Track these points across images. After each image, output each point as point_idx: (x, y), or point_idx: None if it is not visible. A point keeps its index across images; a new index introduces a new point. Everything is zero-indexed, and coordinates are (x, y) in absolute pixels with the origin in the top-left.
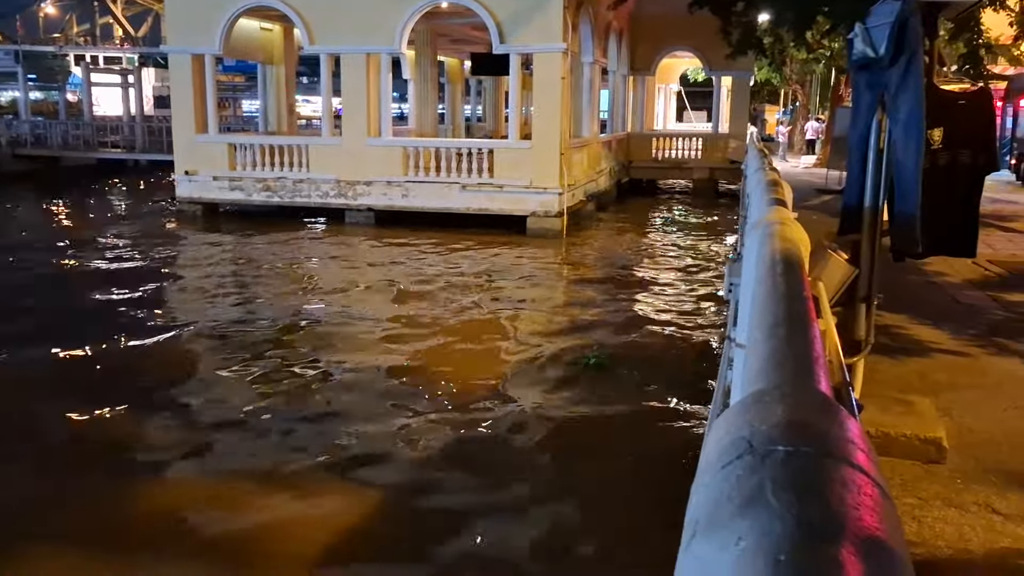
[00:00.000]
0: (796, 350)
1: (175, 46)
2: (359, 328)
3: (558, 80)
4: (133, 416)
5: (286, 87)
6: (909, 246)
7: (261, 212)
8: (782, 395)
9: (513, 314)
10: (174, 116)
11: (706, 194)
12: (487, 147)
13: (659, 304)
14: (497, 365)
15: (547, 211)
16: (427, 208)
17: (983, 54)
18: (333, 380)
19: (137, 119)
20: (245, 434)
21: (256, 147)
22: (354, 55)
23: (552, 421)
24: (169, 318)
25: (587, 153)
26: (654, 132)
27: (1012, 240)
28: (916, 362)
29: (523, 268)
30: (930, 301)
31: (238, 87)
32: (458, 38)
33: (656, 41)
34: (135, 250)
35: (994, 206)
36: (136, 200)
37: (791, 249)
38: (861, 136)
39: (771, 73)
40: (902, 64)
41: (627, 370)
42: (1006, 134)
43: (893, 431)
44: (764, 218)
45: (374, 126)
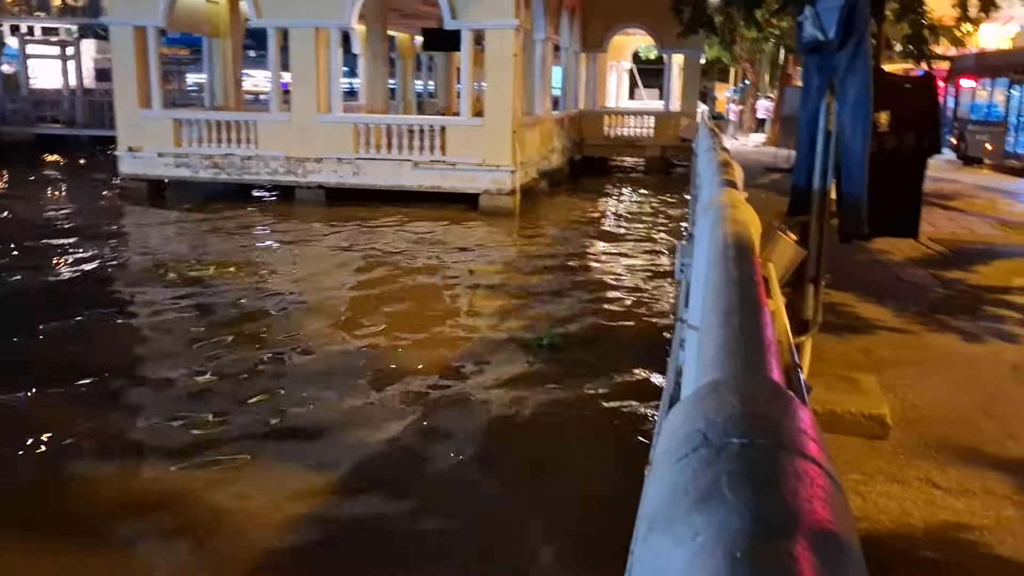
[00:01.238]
0: (749, 338)
1: (116, 17)
2: (307, 309)
3: (510, 57)
4: (68, 400)
5: (233, 61)
6: (856, 227)
7: (209, 190)
8: (736, 385)
9: (465, 293)
10: (116, 90)
11: (658, 172)
12: (439, 124)
13: (612, 283)
14: (449, 346)
15: (500, 189)
16: (379, 186)
17: (927, 35)
18: (277, 362)
19: (77, 93)
20: (179, 415)
21: (203, 123)
22: (303, 29)
23: (504, 406)
24: (108, 300)
25: (540, 131)
26: (606, 110)
27: (952, 219)
28: (861, 339)
29: (475, 247)
30: (874, 279)
31: (183, 60)
32: (409, 13)
33: (608, 18)
34: (75, 229)
35: (935, 185)
36: (77, 177)
37: (742, 232)
38: (810, 118)
39: (722, 51)
40: (851, 48)
41: (581, 350)
42: (948, 114)
43: (839, 408)
44: (715, 200)
45: (324, 102)
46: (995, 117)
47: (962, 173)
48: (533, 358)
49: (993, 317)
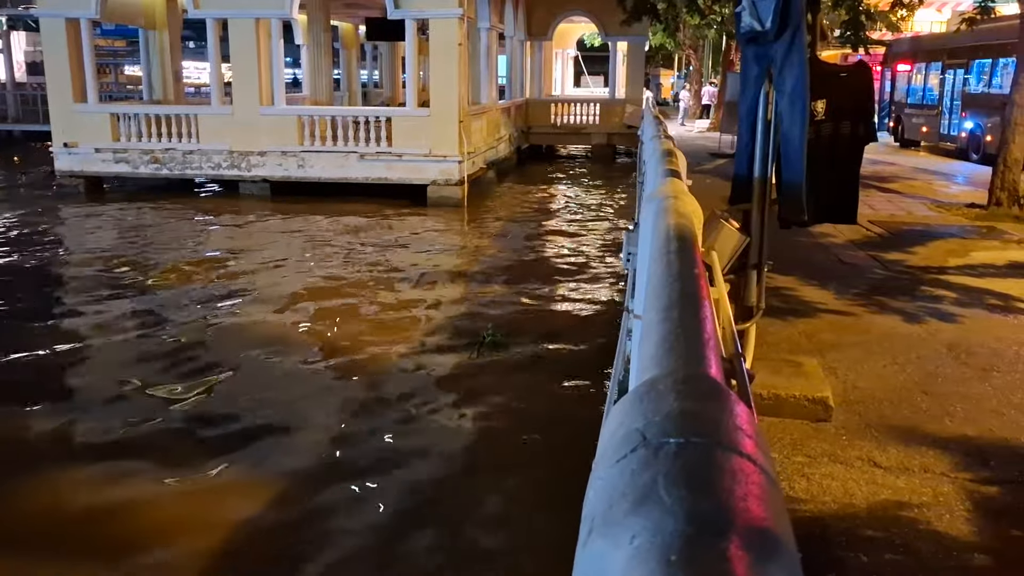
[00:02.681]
0: (688, 334)
1: (47, 9)
2: (249, 307)
3: (455, 46)
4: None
5: (171, 53)
6: (796, 214)
7: (149, 185)
8: (674, 383)
9: (410, 287)
10: (49, 84)
11: (604, 159)
12: (384, 115)
13: (559, 273)
14: (391, 342)
15: (447, 179)
16: (324, 178)
17: (864, 21)
18: (218, 364)
19: (8, 87)
20: (123, 420)
21: (141, 117)
22: (243, 20)
23: (442, 410)
24: (43, 305)
25: (486, 120)
26: (552, 98)
27: (891, 201)
28: (804, 323)
29: (422, 238)
30: (817, 262)
31: (119, 52)
32: (352, 2)
33: (552, 6)
34: (7, 230)
35: (874, 167)
36: (10, 174)
37: (684, 224)
38: (750, 108)
39: (665, 38)
40: (787, 38)
41: (525, 347)
42: (885, 98)
43: (784, 392)
44: (658, 191)
45: (266, 94)
46: (930, 101)
47: (900, 155)
48: (474, 355)
49: (931, 297)
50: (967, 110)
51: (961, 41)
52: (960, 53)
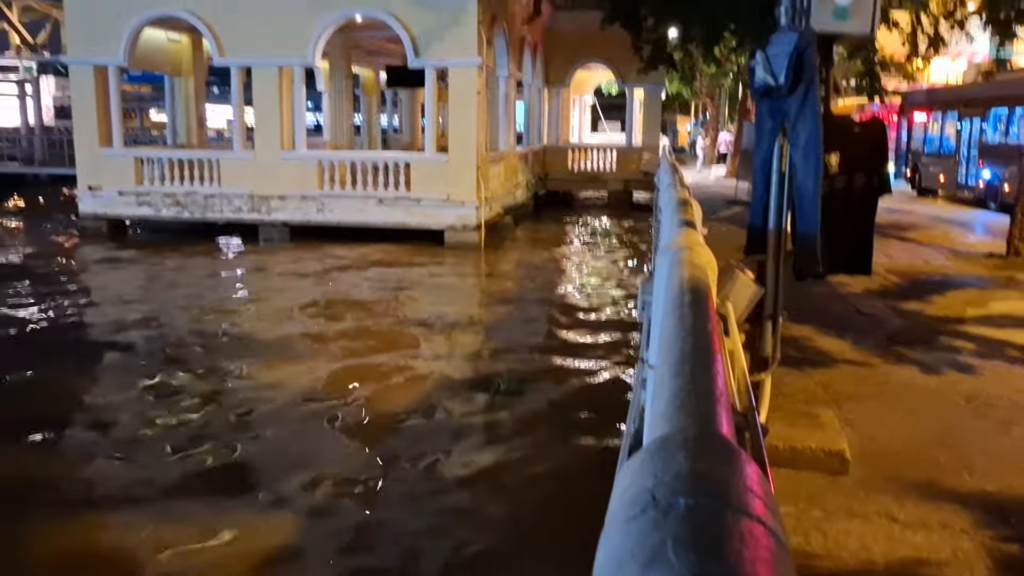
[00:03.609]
0: (699, 391)
1: (77, 56)
2: (270, 349)
3: (473, 94)
4: (32, 451)
5: (195, 99)
6: (811, 265)
7: (170, 228)
8: (684, 441)
9: (427, 333)
10: (76, 129)
11: (621, 206)
12: (404, 160)
13: (575, 321)
14: (408, 389)
15: (465, 224)
16: (343, 222)
17: (879, 71)
18: (225, 405)
19: (36, 131)
20: (144, 460)
21: (164, 161)
22: (266, 68)
23: (457, 464)
24: (66, 347)
25: (504, 166)
26: (570, 145)
27: (909, 250)
28: (821, 373)
29: (439, 283)
30: (833, 311)
31: (144, 97)
32: (373, 50)
33: (570, 54)
34: (32, 271)
35: (892, 216)
36: (36, 217)
37: (698, 277)
38: (764, 160)
39: (682, 86)
40: (800, 93)
41: (540, 395)
42: (902, 147)
43: (799, 444)
44: (673, 242)
45: (288, 139)
46: (947, 150)
47: (917, 204)
48: (490, 403)
49: (949, 348)
50: (984, 159)
51: (977, 92)
52: (976, 103)
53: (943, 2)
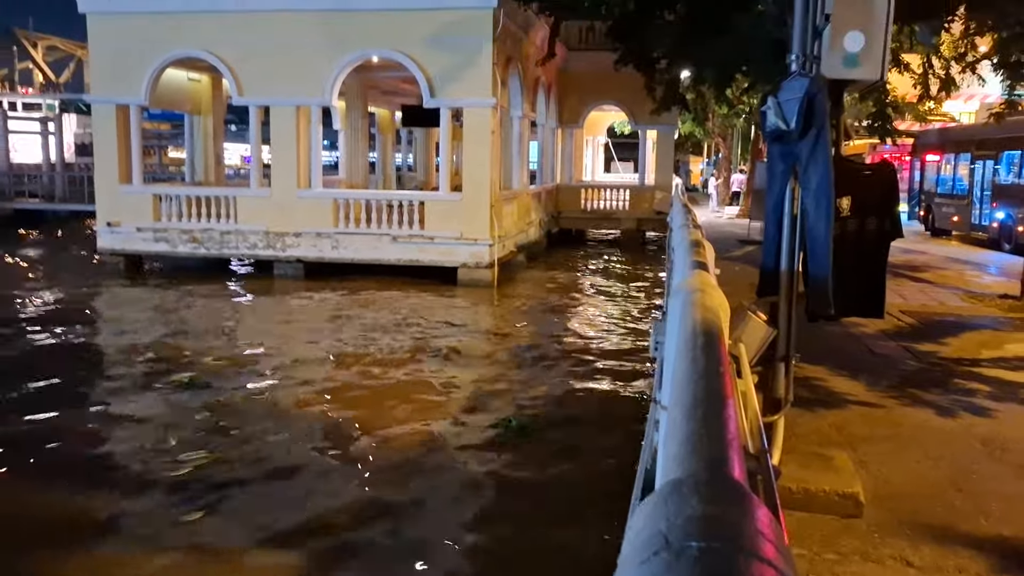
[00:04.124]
0: (712, 434)
1: (99, 95)
2: (282, 387)
3: (488, 133)
4: (47, 491)
5: (214, 137)
6: (823, 308)
7: (186, 264)
8: (696, 485)
9: (439, 370)
10: (97, 166)
11: (633, 244)
12: (418, 199)
13: (588, 360)
14: (417, 423)
15: (478, 262)
16: (358, 259)
17: (890, 113)
18: (238, 441)
19: (57, 167)
20: (162, 507)
21: (182, 198)
22: (284, 107)
23: (465, 500)
24: (86, 384)
25: (517, 204)
26: (583, 183)
27: (923, 290)
28: (835, 415)
29: (452, 321)
30: (847, 352)
31: (163, 135)
32: (389, 90)
33: (583, 95)
34: (50, 306)
35: (906, 256)
36: (55, 252)
37: (710, 319)
38: (776, 203)
39: (694, 127)
40: (811, 137)
41: (551, 433)
42: (915, 187)
43: (813, 487)
44: (685, 283)
45: (304, 177)
46: (960, 191)
47: (931, 244)
48: (500, 441)
49: (964, 390)
50: (998, 200)
51: (990, 133)
52: (989, 144)
53: (954, 45)
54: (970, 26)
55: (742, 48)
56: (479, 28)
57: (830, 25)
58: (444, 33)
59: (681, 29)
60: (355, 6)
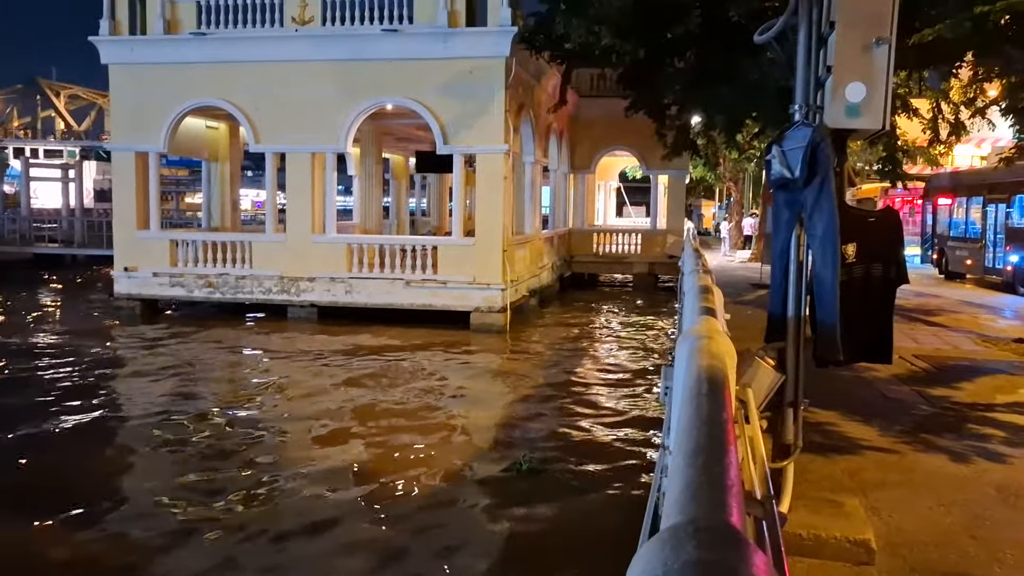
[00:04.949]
0: (712, 481)
1: (119, 143)
2: (293, 433)
3: (500, 179)
4: (71, 537)
5: (230, 183)
6: (831, 353)
7: (201, 308)
8: (695, 531)
9: (450, 414)
10: (115, 212)
11: (645, 288)
12: (431, 244)
13: (598, 404)
14: (429, 466)
15: (490, 307)
16: (371, 304)
17: (900, 157)
18: (249, 489)
19: (76, 213)
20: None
21: (198, 243)
22: (299, 154)
23: (475, 543)
24: (98, 433)
25: (529, 249)
26: (595, 228)
27: (936, 334)
28: (846, 460)
29: (464, 365)
30: (859, 397)
31: (181, 181)
32: (403, 137)
33: (595, 141)
34: (66, 352)
35: (919, 300)
36: (72, 297)
37: (716, 366)
38: (782, 249)
39: (706, 171)
40: (816, 185)
41: (562, 475)
42: (927, 230)
43: (824, 533)
44: (692, 329)
45: (318, 223)
46: (973, 234)
47: (944, 288)
48: (512, 484)
49: (978, 436)
50: (1011, 243)
51: (1002, 176)
52: (1002, 188)
53: (963, 91)
54: (978, 72)
55: (751, 95)
56: (492, 77)
57: (832, 76)
58: (457, 81)
59: (691, 76)
60: (370, 56)
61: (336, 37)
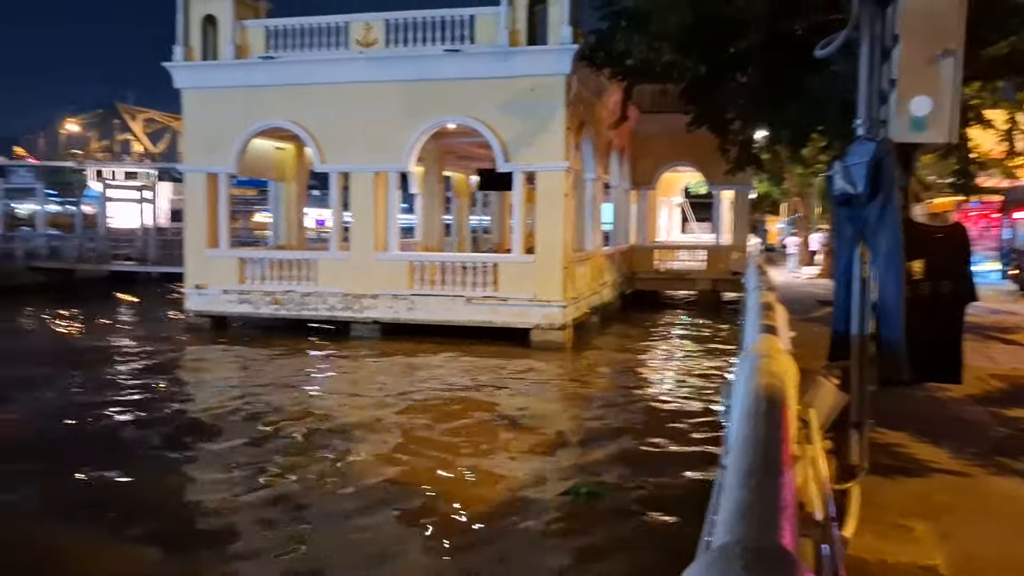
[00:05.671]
0: (764, 501)
1: (191, 164)
2: (349, 444)
3: (561, 197)
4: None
5: (296, 203)
6: (897, 373)
7: (268, 325)
8: (743, 551)
9: (508, 432)
10: (186, 231)
11: (709, 306)
12: (491, 261)
13: (659, 424)
14: (488, 492)
15: (551, 324)
16: (432, 321)
17: (975, 170)
18: (315, 499)
19: (151, 232)
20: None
21: (265, 261)
22: (363, 173)
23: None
24: (175, 444)
25: (590, 266)
26: (657, 244)
27: (1014, 353)
28: (916, 483)
29: (524, 382)
30: (931, 417)
31: (250, 200)
32: (464, 155)
33: (656, 157)
34: (142, 367)
35: (995, 317)
36: (146, 313)
37: (774, 385)
38: (845, 267)
39: (771, 186)
40: (880, 201)
41: (619, 500)
42: (1004, 245)
43: (891, 558)
44: (752, 348)
45: (381, 241)
46: None
47: (1022, 304)
48: (569, 507)
49: None
50: None
51: None
52: None
53: None
54: None
55: (816, 109)
56: (552, 94)
57: (896, 89)
58: (518, 100)
59: (754, 91)
60: (432, 76)
61: (399, 58)
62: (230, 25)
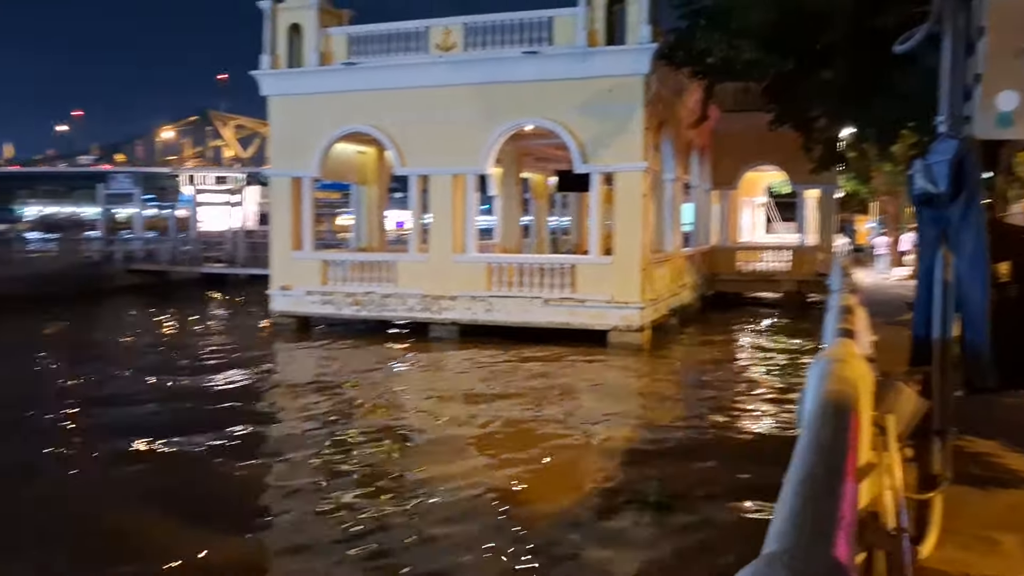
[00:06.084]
0: (819, 510)
1: (276, 169)
2: (424, 445)
3: (639, 197)
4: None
5: (378, 205)
6: (983, 379)
7: (349, 325)
8: (791, 560)
9: (584, 437)
10: (272, 234)
11: (793, 308)
12: (569, 262)
13: (736, 431)
14: (558, 495)
15: (628, 325)
16: (509, 322)
17: None
18: (392, 492)
19: (239, 235)
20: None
21: (347, 263)
22: (442, 176)
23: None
24: (267, 444)
25: (669, 267)
26: (739, 245)
27: None
28: (1007, 494)
29: (601, 385)
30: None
31: (334, 203)
32: (542, 157)
33: (738, 157)
34: (234, 365)
35: None
36: (234, 313)
37: (843, 391)
38: (927, 269)
39: (858, 185)
40: (963, 200)
41: (688, 512)
42: None
43: (974, 571)
44: (825, 352)
45: (460, 243)
46: None
47: None
48: (636, 518)
49: None
50: None
51: None
52: None
53: None
54: None
55: (904, 106)
56: (631, 95)
57: (980, 85)
58: (596, 101)
59: (839, 88)
60: (509, 78)
61: (477, 61)
62: (314, 33)
